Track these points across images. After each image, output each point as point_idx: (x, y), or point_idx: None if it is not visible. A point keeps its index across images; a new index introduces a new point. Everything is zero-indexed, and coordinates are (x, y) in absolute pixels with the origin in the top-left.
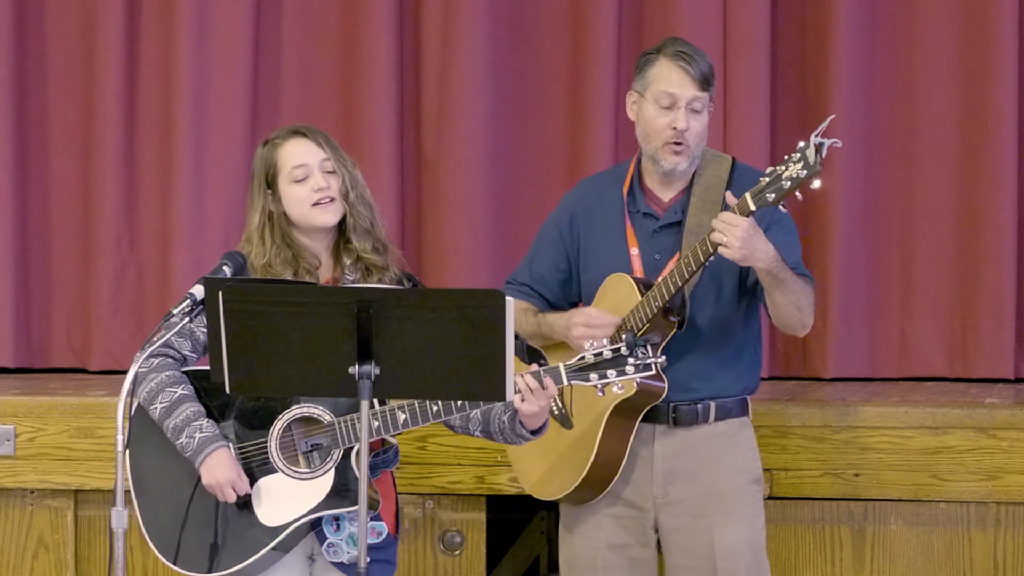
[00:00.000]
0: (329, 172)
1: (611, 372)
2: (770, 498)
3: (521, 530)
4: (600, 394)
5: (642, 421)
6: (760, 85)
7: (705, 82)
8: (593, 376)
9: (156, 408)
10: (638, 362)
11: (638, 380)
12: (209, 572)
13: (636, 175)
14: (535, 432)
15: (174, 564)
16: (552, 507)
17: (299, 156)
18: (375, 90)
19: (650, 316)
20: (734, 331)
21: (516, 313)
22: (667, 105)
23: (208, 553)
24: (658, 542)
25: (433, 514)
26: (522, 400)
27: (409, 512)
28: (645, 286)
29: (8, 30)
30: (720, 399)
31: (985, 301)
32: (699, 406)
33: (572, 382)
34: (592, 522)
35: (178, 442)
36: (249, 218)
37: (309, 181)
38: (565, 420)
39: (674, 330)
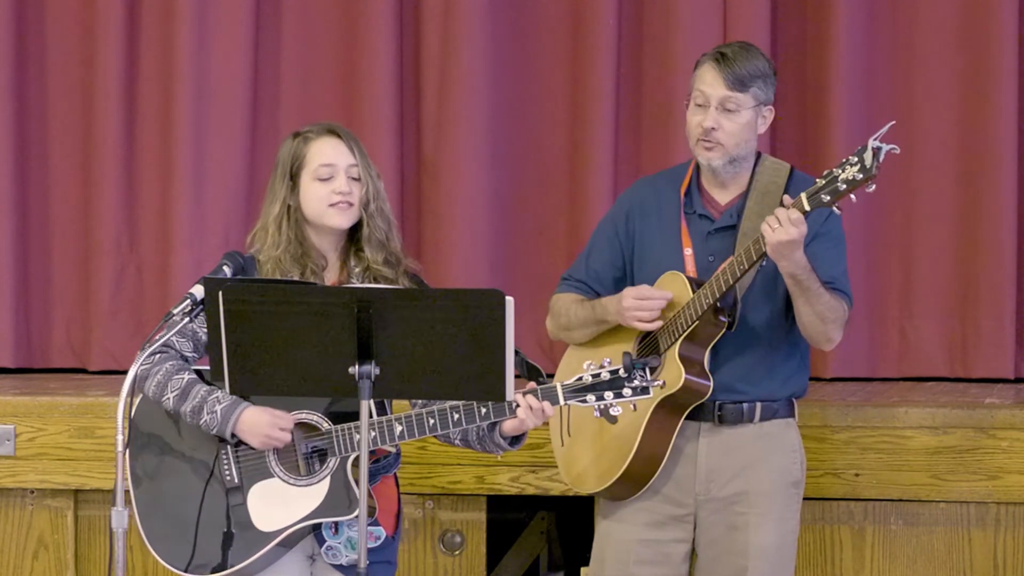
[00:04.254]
0: (354, 179)
1: (608, 394)
2: None
3: (521, 530)
4: (596, 415)
5: (687, 419)
6: None
7: (740, 83)
8: (590, 397)
9: (168, 398)
10: (636, 385)
11: (653, 386)
12: (212, 573)
13: (695, 177)
14: (513, 442)
15: (185, 571)
16: (552, 507)
17: (328, 155)
18: (375, 90)
19: (699, 313)
20: (785, 335)
21: (569, 305)
22: (700, 103)
23: (215, 556)
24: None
25: (433, 514)
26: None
27: (409, 512)
28: (698, 284)
29: (8, 30)
30: (766, 401)
31: (985, 301)
32: (745, 405)
33: (568, 402)
34: (629, 516)
35: (201, 422)
36: (268, 207)
37: (332, 182)
38: (607, 414)
39: (723, 330)
